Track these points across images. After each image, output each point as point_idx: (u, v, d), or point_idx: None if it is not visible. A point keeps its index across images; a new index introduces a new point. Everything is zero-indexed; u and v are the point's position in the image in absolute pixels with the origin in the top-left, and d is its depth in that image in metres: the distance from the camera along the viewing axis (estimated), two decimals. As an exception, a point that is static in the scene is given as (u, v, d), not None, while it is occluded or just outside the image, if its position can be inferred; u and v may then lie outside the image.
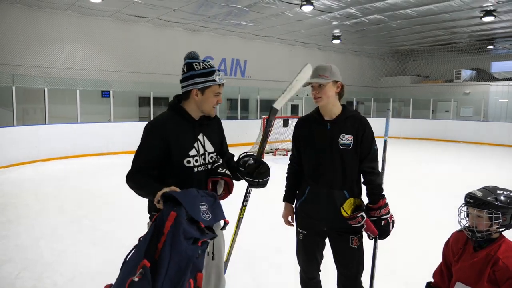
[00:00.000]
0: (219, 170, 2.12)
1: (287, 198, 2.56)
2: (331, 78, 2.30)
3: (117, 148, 11.34)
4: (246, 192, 2.39)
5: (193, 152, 2.10)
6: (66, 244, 4.36)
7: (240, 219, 2.47)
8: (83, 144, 10.84)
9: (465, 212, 2.07)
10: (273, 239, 4.55)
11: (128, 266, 1.62)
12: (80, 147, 10.80)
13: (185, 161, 2.07)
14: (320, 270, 2.53)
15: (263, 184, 2.18)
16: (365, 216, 2.25)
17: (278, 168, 3.42)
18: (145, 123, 2.14)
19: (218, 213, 1.87)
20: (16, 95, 9.69)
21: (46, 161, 10.03)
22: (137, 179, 1.98)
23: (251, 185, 2.20)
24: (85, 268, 3.75)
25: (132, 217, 5.22)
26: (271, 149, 12.05)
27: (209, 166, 2.16)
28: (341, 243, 2.37)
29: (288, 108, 17.20)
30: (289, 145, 11.26)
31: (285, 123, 11.81)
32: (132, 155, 2.09)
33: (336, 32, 14.60)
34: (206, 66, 2.07)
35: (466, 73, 19.22)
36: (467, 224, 2.07)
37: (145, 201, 2.10)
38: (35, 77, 10.60)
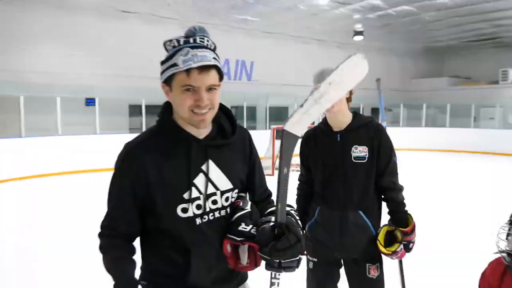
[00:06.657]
0: (240, 228, 1.53)
1: None
2: None
3: (103, 164, 10.82)
4: (271, 278, 1.53)
5: (192, 193, 1.52)
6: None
7: None
8: (63, 160, 10.52)
9: (507, 233, 1.96)
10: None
11: None
12: (60, 163, 10.48)
13: (178, 210, 1.51)
14: None
15: (289, 268, 1.45)
16: (402, 246, 2.31)
17: (290, 187, 3.17)
18: (137, 135, 1.60)
19: None
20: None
21: (22, 179, 9.74)
22: (108, 257, 1.52)
23: (270, 266, 1.47)
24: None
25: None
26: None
27: (223, 213, 1.60)
28: (357, 273, 2.39)
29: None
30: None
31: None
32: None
33: (358, 27, 14.19)
34: (175, 44, 1.49)
35: (514, 73, 18.65)
36: (507, 248, 1.95)
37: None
38: (6, 83, 10.38)
